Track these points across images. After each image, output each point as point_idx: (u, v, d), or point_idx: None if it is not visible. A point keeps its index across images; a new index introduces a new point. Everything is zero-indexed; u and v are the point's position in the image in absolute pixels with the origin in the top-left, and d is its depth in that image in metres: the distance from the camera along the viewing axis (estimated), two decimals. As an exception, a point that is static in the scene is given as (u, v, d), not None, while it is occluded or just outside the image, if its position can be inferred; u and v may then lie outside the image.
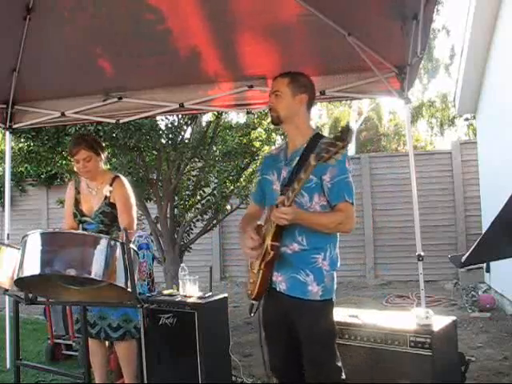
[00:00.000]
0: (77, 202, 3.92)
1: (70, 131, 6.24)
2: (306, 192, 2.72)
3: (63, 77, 4.73)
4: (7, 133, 5.36)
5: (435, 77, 20.56)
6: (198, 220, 7.39)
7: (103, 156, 3.92)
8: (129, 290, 2.87)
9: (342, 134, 2.26)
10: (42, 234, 2.96)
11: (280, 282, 2.79)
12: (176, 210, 7.02)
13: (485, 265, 7.49)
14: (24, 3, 4.01)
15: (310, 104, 2.95)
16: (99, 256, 2.84)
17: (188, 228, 7.25)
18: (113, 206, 3.81)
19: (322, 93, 4.43)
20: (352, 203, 2.73)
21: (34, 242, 2.92)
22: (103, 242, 2.89)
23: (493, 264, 6.73)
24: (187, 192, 7.26)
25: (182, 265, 4.43)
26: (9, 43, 4.36)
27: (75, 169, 3.90)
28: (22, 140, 6.77)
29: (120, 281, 2.87)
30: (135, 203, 3.94)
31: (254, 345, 5.83)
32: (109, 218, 3.81)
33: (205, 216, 7.49)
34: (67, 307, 4.96)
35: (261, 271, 2.77)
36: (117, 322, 3.77)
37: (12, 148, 6.00)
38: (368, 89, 4.37)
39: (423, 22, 3.38)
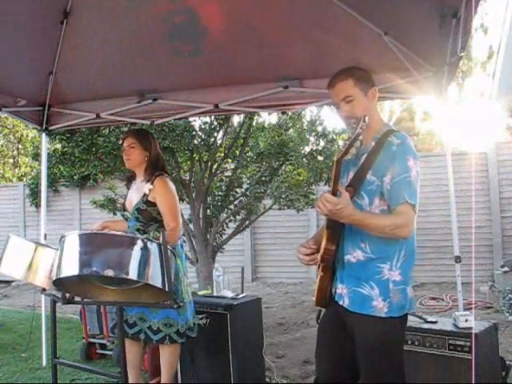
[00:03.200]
0: (125, 198, 4.00)
1: (103, 132, 6.31)
2: (366, 194, 2.48)
3: (98, 78, 4.78)
4: (43, 134, 5.42)
5: (471, 75, 20.13)
6: (230, 221, 7.39)
7: (150, 152, 3.87)
8: (166, 290, 2.87)
9: (356, 125, 2.22)
10: (80, 235, 2.96)
11: (344, 295, 2.56)
12: (208, 210, 7.04)
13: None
14: (61, 8, 4.06)
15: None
16: (136, 257, 2.83)
17: (220, 228, 7.26)
18: (150, 204, 3.75)
19: (358, 93, 4.38)
20: (413, 206, 2.39)
21: (72, 243, 2.92)
22: (140, 243, 2.87)
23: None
24: (220, 193, 7.26)
25: (216, 265, 4.43)
26: (46, 47, 4.43)
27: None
28: (57, 142, 6.87)
29: (157, 281, 2.86)
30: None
31: (287, 346, 5.83)
32: (144, 215, 3.75)
33: (237, 217, 7.49)
34: (102, 307, 5.02)
35: (319, 276, 2.61)
36: (157, 325, 3.71)
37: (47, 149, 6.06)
38: (404, 89, 4.32)
39: (464, 19, 3.31)
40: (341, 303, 2.56)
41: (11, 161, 19.22)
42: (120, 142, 3.98)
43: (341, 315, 2.58)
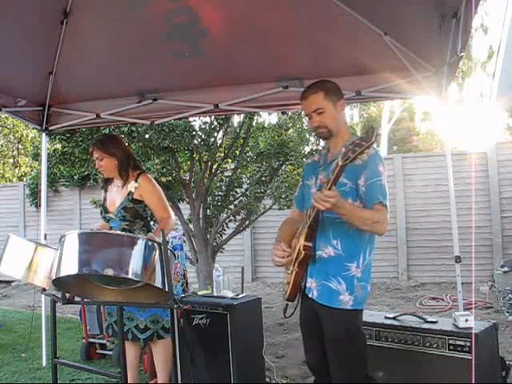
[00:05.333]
0: (104, 200, 3.99)
1: (103, 132, 6.30)
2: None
3: (99, 78, 4.77)
4: (43, 134, 5.41)
5: (471, 75, 20.09)
6: (230, 221, 7.40)
7: (117, 156, 3.86)
8: (166, 290, 2.87)
9: (368, 134, 2.35)
10: (80, 235, 2.97)
11: (313, 288, 2.81)
12: (208, 210, 7.05)
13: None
14: (61, 8, 4.05)
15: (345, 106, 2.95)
16: (136, 256, 2.84)
17: (220, 229, 7.27)
18: (136, 202, 3.78)
19: (358, 93, 4.39)
20: (386, 206, 2.69)
21: (72, 242, 2.93)
22: (140, 243, 2.89)
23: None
24: (220, 193, 7.27)
25: (216, 265, 4.43)
26: (46, 47, 4.42)
27: None
28: (57, 142, 6.87)
29: (157, 281, 2.87)
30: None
31: (287, 346, 5.82)
32: (130, 213, 3.77)
33: (237, 217, 7.50)
34: (102, 306, 5.01)
35: (294, 272, 2.80)
36: (144, 323, 3.74)
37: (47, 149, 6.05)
38: (404, 89, 4.31)
39: (464, 19, 3.31)
40: (310, 295, 2.82)
41: (11, 161, 19.20)
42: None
43: (312, 307, 2.85)
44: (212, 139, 6.78)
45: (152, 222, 3.96)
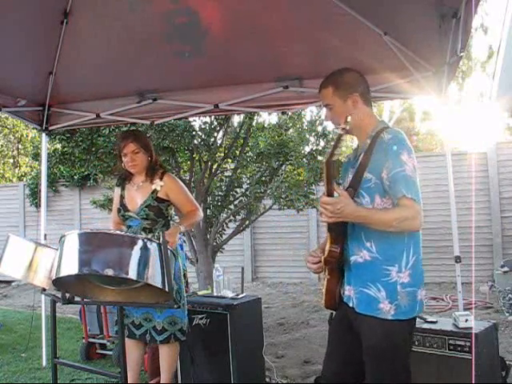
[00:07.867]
0: (122, 198, 3.91)
1: (103, 132, 6.32)
2: (366, 193, 2.47)
3: (98, 78, 4.78)
4: (43, 134, 5.41)
5: (471, 75, 20.05)
6: (230, 221, 7.40)
7: (151, 153, 3.85)
8: (166, 290, 2.87)
9: None
10: (80, 235, 2.95)
11: (352, 296, 2.55)
12: (208, 210, 7.05)
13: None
14: (62, 8, 4.06)
15: (365, 97, 2.65)
16: (136, 256, 2.83)
17: (220, 228, 7.27)
18: (160, 200, 3.77)
19: (358, 93, 4.38)
20: (413, 199, 2.33)
21: (72, 242, 2.91)
22: (140, 243, 2.87)
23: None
24: (220, 193, 7.28)
25: (216, 265, 4.43)
26: (46, 47, 4.43)
27: (124, 164, 3.84)
28: (57, 142, 6.87)
29: (157, 281, 2.86)
30: None
31: (287, 346, 5.82)
32: (154, 212, 3.75)
33: (237, 217, 7.51)
34: (102, 307, 5.03)
35: (326, 279, 2.62)
36: (162, 324, 3.69)
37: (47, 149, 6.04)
38: (404, 88, 4.31)
39: (464, 19, 3.32)
40: (350, 305, 2.55)
41: (11, 161, 19.21)
42: (120, 144, 3.84)
43: (349, 317, 2.58)
44: (212, 139, 6.77)
45: (171, 222, 3.98)
